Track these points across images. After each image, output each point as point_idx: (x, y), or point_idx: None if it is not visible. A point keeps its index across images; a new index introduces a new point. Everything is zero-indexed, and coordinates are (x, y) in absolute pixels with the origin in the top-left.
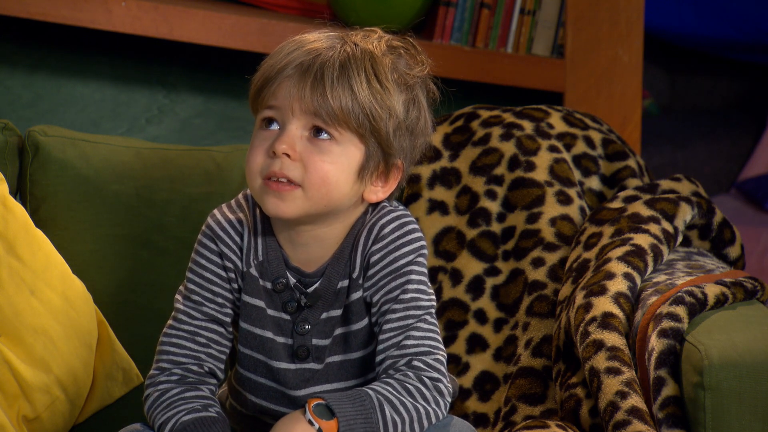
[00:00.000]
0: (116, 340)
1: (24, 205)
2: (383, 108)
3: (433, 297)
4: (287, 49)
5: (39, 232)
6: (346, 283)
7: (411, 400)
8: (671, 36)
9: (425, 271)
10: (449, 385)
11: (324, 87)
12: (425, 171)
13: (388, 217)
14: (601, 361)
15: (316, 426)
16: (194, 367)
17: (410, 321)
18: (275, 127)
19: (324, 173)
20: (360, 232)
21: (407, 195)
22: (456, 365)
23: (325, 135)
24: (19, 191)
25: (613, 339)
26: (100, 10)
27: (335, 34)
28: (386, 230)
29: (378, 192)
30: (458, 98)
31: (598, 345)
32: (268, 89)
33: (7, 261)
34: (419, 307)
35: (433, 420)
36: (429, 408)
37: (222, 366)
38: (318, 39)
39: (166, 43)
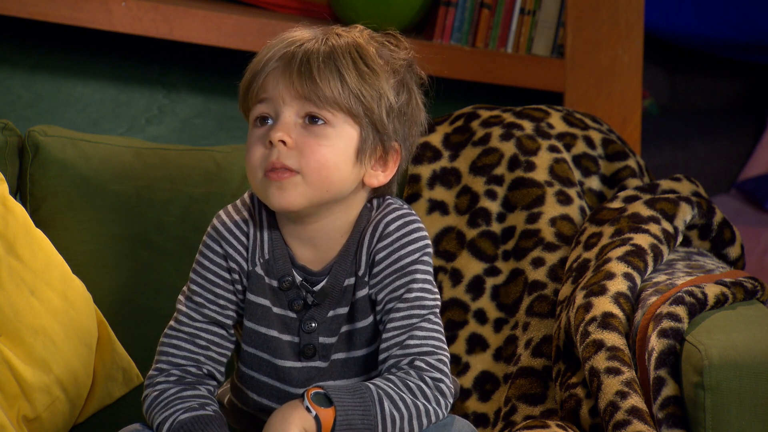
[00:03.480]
0: (116, 340)
1: (24, 205)
2: (373, 87)
3: (438, 296)
4: (270, 45)
5: (39, 232)
6: (352, 280)
7: (411, 397)
8: (671, 36)
9: (430, 270)
10: (451, 386)
11: (311, 71)
12: (425, 171)
13: (393, 215)
14: (601, 361)
15: (313, 413)
16: (193, 369)
17: (414, 320)
18: (269, 122)
19: (322, 157)
20: (365, 229)
21: (407, 195)
22: (456, 365)
23: (320, 120)
24: (19, 191)
25: (613, 339)
26: (100, 10)
27: (317, 29)
28: (391, 228)
29: (379, 176)
30: (458, 98)
31: (598, 345)
32: (256, 83)
33: (7, 261)
34: (423, 307)
35: (433, 419)
36: (429, 406)
37: (222, 369)
38: (301, 33)
39: (166, 43)
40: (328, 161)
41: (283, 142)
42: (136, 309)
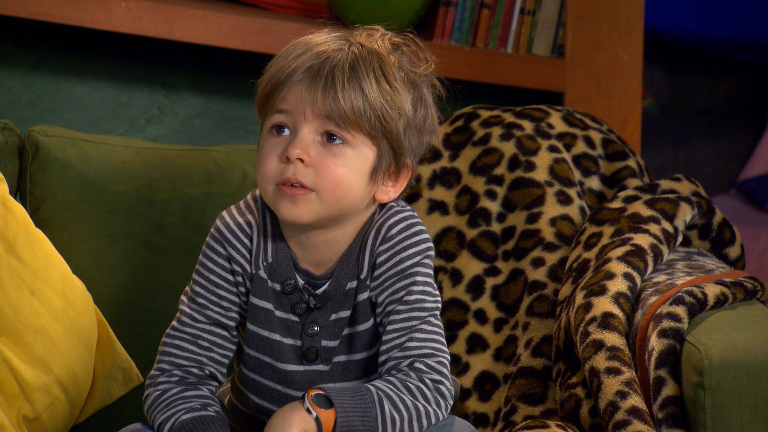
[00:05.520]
0: (116, 340)
1: (24, 205)
2: (393, 108)
3: (439, 298)
4: (295, 53)
5: (39, 232)
6: (354, 284)
7: (411, 398)
8: (671, 36)
9: (431, 272)
10: (451, 388)
11: (335, 90)
12: (425, 171)
13: (396, 218)
14: (601, 361)
15: (314, 415)
16: (195, 370)
17: (414, 322)
18: (286, 132)
19: (338, 177)
20: (368, 232)
21: (407, 195)
22: (456, 365)
23: (339, 140)
24: (19, 191)
25: (613, 339)
26: (100, 10)
27: (340, 35)
28: (393, 231)
29: (389, 192)
30: (458, 98)
31: (598, 345)
32: (278, 94)
33: (7, 261)
34: (423, 309)
35: (433, 420)
36: (429, 408)
37: (224, 370)
38: (325, 41)
39: (166, 43)
40: (343, 181)
41: (301, 160)
42: (136, 309)
